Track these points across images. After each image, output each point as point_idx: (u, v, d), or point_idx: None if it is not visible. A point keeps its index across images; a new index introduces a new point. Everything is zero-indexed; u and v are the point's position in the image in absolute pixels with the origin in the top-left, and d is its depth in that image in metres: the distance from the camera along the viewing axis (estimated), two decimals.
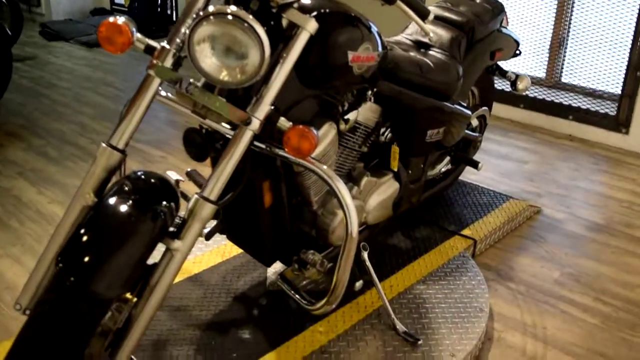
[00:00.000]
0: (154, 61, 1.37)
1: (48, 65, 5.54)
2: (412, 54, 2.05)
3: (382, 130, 1.96)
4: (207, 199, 1.35)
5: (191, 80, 1.37)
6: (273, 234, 1.72)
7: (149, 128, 3.72)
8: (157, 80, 1.38)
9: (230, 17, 1.25)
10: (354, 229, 1.46)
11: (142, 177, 1.38)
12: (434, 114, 2.07)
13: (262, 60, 1.28)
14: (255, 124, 1.36)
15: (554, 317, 2.10)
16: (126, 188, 1.30)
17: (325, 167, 1.45)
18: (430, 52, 2.15)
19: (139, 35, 1.37)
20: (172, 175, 1.45)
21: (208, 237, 1.96)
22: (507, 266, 2.38)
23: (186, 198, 1.95)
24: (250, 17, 1.26)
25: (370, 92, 1.81)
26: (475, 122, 2.56)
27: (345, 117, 1.71)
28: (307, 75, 1.54)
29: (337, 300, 1.55)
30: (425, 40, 2.20)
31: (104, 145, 1.37)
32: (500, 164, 3.37)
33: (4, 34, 4.05)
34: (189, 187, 1.59)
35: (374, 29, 1.67)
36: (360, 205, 1.84)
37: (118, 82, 5.03)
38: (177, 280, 2.10)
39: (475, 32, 2.26)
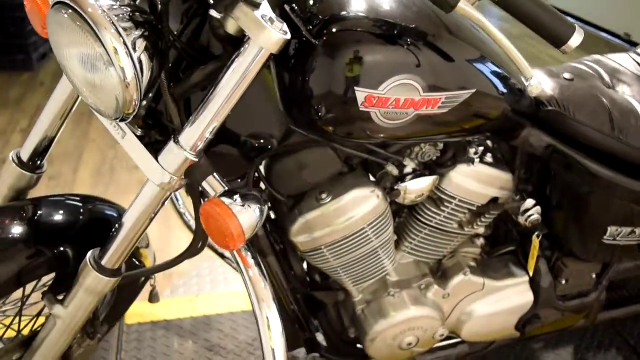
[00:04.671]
0: None
1: None
2: (611, 93, 1.20)
3: (523, 208, 1.20)
4: (99, 268, 0.94)
5: None
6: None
7: None
8: None
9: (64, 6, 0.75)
10: None
11: (63, 203, 1.04)
12: (627, 202, 1.20)
13: (123, 85, 0.76)
14: (164, 179, 0.87)
15: None
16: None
17: (260, 280, 0.88)
18: None
19: None
20: None
21: None
22: None
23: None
24: (100, 9, 0.74)
25: (474, 151, 1.09)
26: None
27: (397, 187, 1.04)
28: (296, 115, 0.93)
29: None
30: None
31: (12, 155, 1.06)
32: None
33: None
34: None
35: (463, 52, 0.93)
36: (426, 315, 1.17)
37: None
38: (235, 309, 1.72)
39: None
